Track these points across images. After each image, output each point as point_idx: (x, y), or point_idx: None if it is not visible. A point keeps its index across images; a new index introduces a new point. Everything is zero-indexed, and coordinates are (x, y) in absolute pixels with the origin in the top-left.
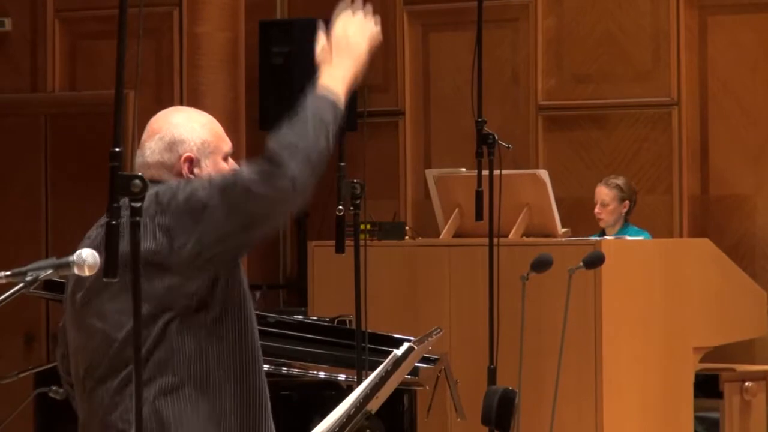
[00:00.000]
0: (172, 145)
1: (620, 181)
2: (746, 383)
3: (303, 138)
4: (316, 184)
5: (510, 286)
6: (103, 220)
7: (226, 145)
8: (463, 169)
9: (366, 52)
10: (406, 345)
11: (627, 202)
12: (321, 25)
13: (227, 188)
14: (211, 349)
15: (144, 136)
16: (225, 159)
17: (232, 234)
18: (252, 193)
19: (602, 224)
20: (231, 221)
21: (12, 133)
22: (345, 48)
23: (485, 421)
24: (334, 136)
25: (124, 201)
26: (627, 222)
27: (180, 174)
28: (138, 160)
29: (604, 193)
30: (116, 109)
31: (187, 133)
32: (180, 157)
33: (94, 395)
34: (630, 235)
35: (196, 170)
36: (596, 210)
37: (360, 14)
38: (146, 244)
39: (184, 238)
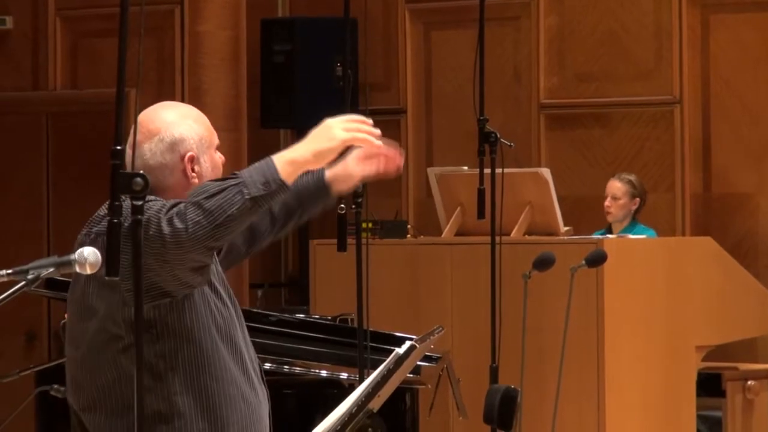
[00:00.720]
0: (173, 146)
1: (633, 177)
2: (749, 382)
3: (218, 199)
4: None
5: (512, 284)
6: (86, 229)
7: (216, 137)
8: (465, 168)
9: (339, 146)
10: (407, 343)
11: (637, 199)
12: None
13: (152, 219)
14: (170, 380)
15: (138, 136)
16: (215, 151)
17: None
18: (156, 225)
19: (610, 218)
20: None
21: (13, 131)
22: (321, 132)
23: (487, 419)
24: (256, 202)
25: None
26: (635, 220)
27: (183, 173)
28: (136, 161)
29: (616, 187)
30: (118, 107)
31: (186, 131)
32: (183, 157)
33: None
34: (636, 233)
35: (196, 168)
36: (606, 203)
37: (365, 122)
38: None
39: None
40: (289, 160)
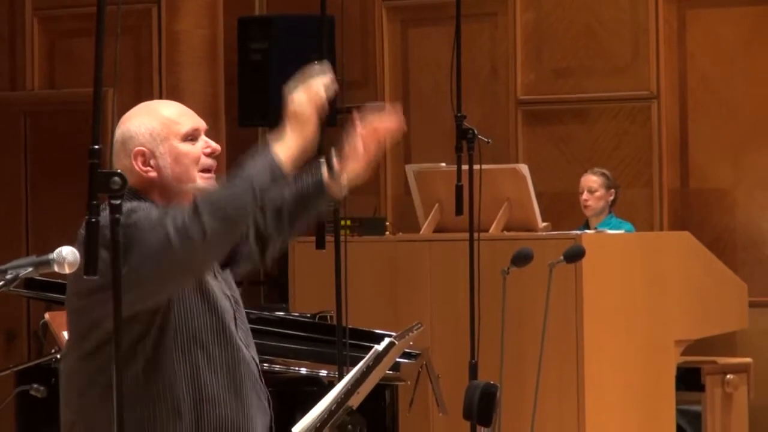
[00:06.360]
0: (124, 145)
1: (605, 171)
2: (728, 376)
3: (228, 196)
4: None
5: (491, 280)
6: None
7: (184, 126)
8: (443, 164)
9: (314, 123)
10: (386, 340)
11: (613, 190)
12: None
13: (152, 229)
14: (153, 381)
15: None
16: (187, 140)
17: (145, 277)
18: (169, 238)
19: (589, 212)
20: (146, 263)
21: None
22: (298, 120)
23: (467, 415)
24: (266, 197)
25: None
26: (612, 213)
27: (141, 172)
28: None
29: (591, 180)
30: (95, 107)
31: (134, 127)
32: (131, 154)
33: None
34: (613, 226)
35: (152, 161)
36: (584, 197)
37: (318, 83)
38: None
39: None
40: (288, 156)
